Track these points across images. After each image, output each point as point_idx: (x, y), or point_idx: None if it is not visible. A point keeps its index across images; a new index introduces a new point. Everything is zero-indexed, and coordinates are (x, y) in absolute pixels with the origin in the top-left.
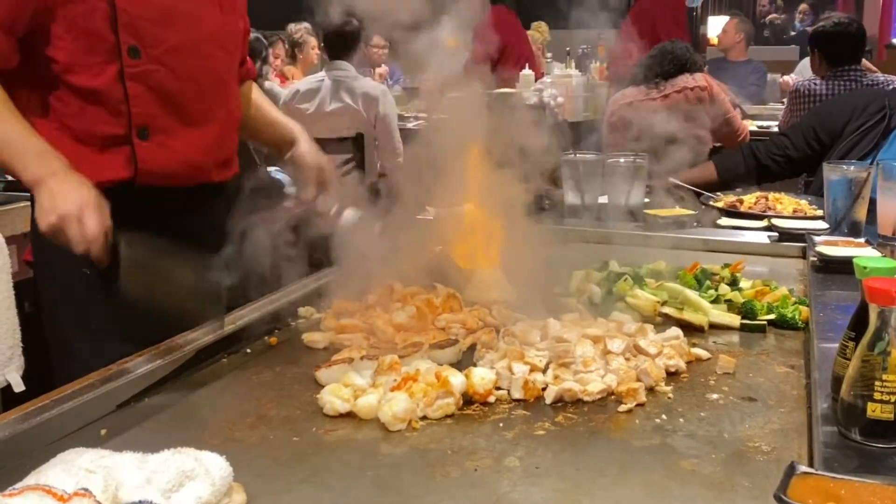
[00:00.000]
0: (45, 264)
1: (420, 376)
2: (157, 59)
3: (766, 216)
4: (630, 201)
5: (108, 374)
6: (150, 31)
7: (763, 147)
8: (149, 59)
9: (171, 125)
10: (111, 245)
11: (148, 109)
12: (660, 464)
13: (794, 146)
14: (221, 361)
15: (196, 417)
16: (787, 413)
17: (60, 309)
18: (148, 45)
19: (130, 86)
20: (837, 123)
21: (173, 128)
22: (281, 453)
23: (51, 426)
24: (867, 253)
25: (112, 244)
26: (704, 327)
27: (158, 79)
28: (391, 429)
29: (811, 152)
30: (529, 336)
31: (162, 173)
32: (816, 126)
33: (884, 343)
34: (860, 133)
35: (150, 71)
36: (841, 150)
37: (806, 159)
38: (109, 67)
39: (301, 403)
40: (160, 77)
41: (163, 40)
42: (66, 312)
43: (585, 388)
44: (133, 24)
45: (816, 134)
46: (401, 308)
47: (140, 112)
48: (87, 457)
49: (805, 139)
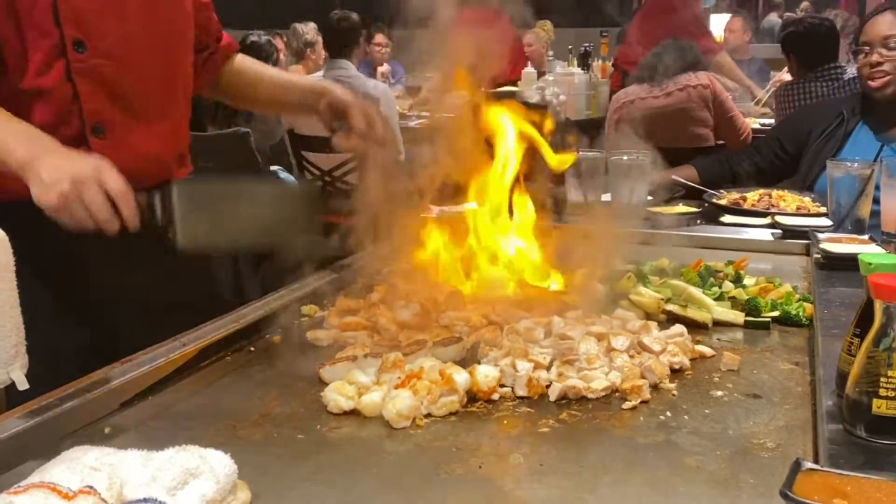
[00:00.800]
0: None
1: (424, 374)
2: (105, 52)
3: (770, 213)
4: (633, 199)
5: (112, 372)
6: (94, 23)
7: (735, 156)
8: (95, 52)
9: (125, 120)
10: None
11: (100, 106)
12: (664, 461)
13: (762, 156)
14: (225, 359)
15: (200, 415)
16: (791, 410)
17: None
18: (93, 37)
19: (79, 82)
20: (802, 133)
21: (128, 123)
22: (285, 451)
23: (55, 424)
24: (871, 250)
25: (147, 203)
26: (708, 324)
27: (108, 73)
28: (395, 426)
29: (779, 162)
30: (533, 333)
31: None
32: (781, 137)
33: (889, 339)
34: (823, 139)
35: (98, 65)
36: (809, 154)
37: (774, 169)
38: (56, 64)
39: (305, 401)
40: (109, 71)
41: (108, 32)
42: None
43: (589, 385)
44: (76, 15)
45: (782, 144)
46: (404, 306)
47: (92, 109)
48: (91, 454)
49: (772, 150)
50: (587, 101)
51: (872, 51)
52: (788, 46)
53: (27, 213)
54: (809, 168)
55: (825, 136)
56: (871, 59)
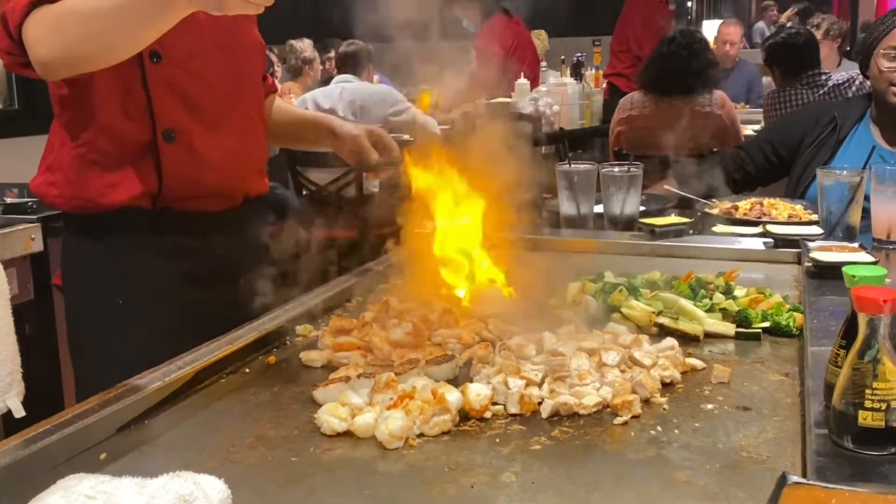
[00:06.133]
0: (76, 290)
1: (416, 393)
2: (179, 63)
3: (762, 222)
4: (625, 210)
5: (108, 398)
6: (170, 36)
7: (725, 161)
8: (170, 63)
9: (195, 128)
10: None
11: (172, 113)
12: (655, 476)
13: (753, 161)
14: (220, 382)
15: (195, 439)
16: (781, 422)
17: (87, 337)
18: (168, 49)
19: (154, 90)
20: (795, 138)
21: (197, 131)
22: (279, 474)
23: (51, 452)
24: (861, 257)
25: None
26: (700, 337)
27: (180, 83)
28: (388, 447)
29: (769, 167)
30: (525, 350)
31: (187, 178)
32: (774, 141)
33: (873, 351)
34: (816, 145)
35: (172, 75)
36: (801, 162)
37: (765, 174)
38: (132, 73)
39: (299, 423)
40: (182, 81)
41: (182, 45)
42: (94, 341)
43: (581, 401)
44: None
45: (775, 149)
46: (397, 325)
47: (164, 116)
48: (86, 482)
49: (763, 154)
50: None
51: None
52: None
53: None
54: (801, 176)
55: (817, 143)
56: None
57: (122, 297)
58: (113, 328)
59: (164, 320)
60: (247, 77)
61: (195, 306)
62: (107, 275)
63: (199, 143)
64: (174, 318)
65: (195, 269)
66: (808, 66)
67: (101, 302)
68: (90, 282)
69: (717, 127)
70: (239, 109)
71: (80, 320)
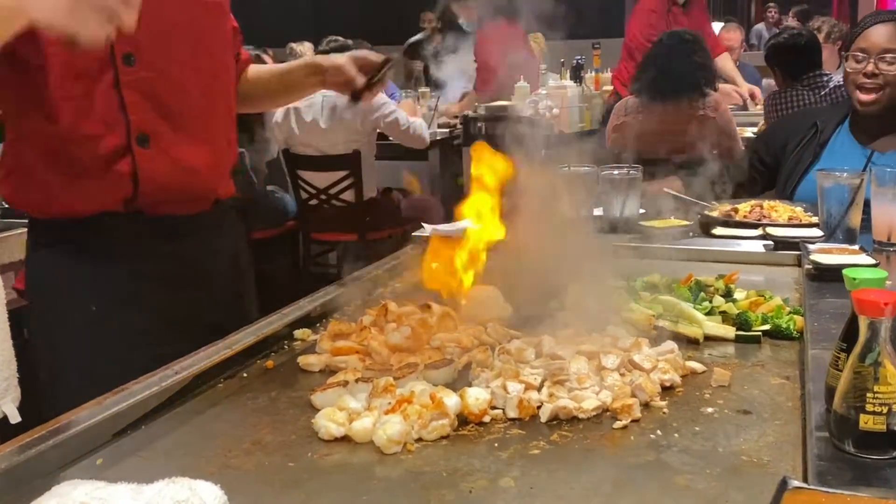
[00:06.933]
0: (40, 295)
1: (415, 398)
2: (151, 65)
3: (762, 225)
4: (625, 213)
5: (105, 403)
6: (143, 38)
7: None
8: (143, 66)
9: (168, 132)
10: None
11: (145, 116)
12: (654, 480)
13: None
14: (217, 386)
15: (192, 445)
16: (781, 425)
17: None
18: (142, 51)
19: (126, 93)
20: (778, 145)
21: (171, 135)
22: (277, 479)
23: (47, 458)
24: (862, 260)
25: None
26: (700, 340)
27: (154, 86)
28: (386, 452)
29: (757, 175)
30: (524, 354)
31: (163, 183)
32: (760, 150)
33: (874, 354)
34: (799, 151)
35: (145, 78)
36: (786, 167)
37: (753, 182)
38: (104, 76)
39: (296, 428)
40: (155, 84)
41: (155, 47)
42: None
43: (580, 405)
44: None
45: (760, 157)
46: (396, 329)
47: (138, 120)
48: (82, 489)
49: (749, 163)
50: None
51: (868, 60)
52: (772, 60)
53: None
54: (787, 179)
55: (800, 147)
56: (867, 68)
57: (94, 303)
58: (86, 334)
59: (138, 324)
60: (218, 77)
61: (168, 310)
62: (80, 281)
63: (173, 147)
64: (147, 322)
65: (168, 272)
66: (809, 68)
67: (73, 307)
68: (61, 288)
69: (711, 130)
70: (211, 112)
71: (50, 326)
